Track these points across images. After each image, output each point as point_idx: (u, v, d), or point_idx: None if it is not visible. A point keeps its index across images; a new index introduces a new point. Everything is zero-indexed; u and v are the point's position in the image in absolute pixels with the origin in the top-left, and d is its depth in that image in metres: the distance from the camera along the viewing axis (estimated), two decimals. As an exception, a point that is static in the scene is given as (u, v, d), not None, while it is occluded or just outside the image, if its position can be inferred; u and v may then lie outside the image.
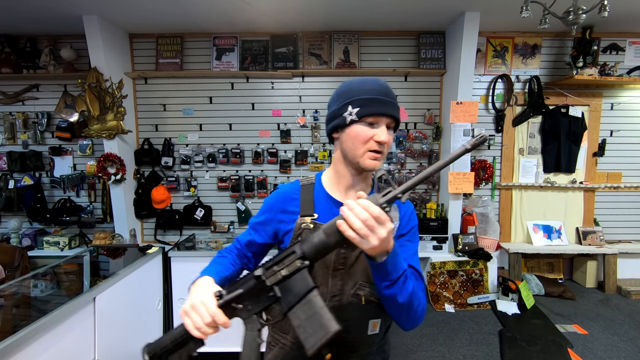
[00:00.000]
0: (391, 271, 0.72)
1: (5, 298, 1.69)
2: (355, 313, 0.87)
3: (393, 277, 0.72)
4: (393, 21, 3.17)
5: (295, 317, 0.66)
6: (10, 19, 2.94)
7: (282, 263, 0.68)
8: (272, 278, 0.68)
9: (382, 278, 0.73)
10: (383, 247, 0.66)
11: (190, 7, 2.79)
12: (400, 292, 0.74)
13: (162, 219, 3.49)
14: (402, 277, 0.74)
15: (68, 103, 3.36)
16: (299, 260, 0.67)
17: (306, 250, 0.67)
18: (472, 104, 3.09)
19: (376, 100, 0.84)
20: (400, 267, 0.74)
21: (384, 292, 0.75)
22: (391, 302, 0.77)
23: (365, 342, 0.90)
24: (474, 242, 3.29)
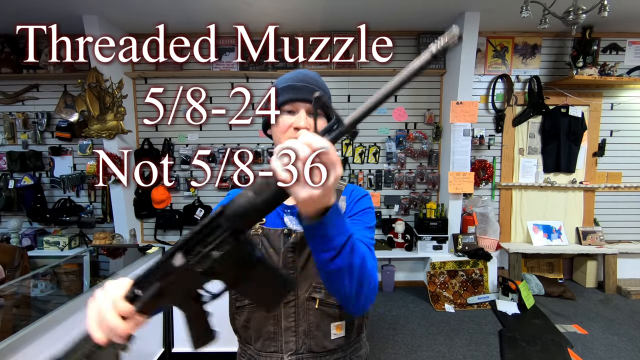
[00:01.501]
0: (333, 235, 0.57)
1: (5, 298, 1.69)
2: (314, 318, 0.81)
3: (337, 243, 0.57)
4: (393, 21, 3.17)
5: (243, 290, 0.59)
6: (10, 19, 2.93)
7: (207, 242, 0.53)
8: (202, 264, 0.53)
9: (324, 246, 0.58)
10: (324, 199, 0.52)
11: (190, 7, 2.79)
12: (347, 264, 0.59)
13: (162, 219, 3.49)
14: (348, 243, 0.59)
15: (68, 103, 3.36)
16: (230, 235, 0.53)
17: (236, 222, 0.52)
18: (472, 104, 3.09)
19: (290, 87, 0.82)
20: (345, 230, 0.58)
21: (328, 267, 0.59)
22: (337, 280, 0.61)
23: (330, 347, 0.83)
24: (474, 242, 3.29)
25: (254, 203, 0.51)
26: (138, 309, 0.55)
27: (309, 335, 0.81)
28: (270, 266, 0.58)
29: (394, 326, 2.75)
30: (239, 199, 0.52)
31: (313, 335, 0.82)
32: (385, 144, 3.51)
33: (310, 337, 0.81)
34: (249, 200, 0.52)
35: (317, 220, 0.55)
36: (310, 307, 0.81)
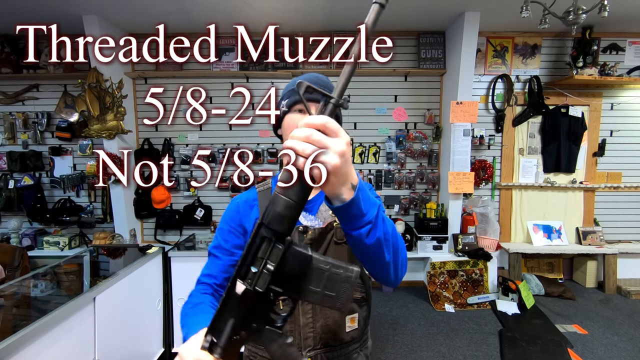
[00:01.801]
0: (365, 209, 0.57)
1: (5, 298, 1.69)
2: (331, 312, 0.83)
3: (371, 217, 0.57)
4: (393, 21, 3.17)
5: (311, 295, 0.55)
6: (10, 19, 2.93)
7: (258, 259, 0.53)
8: (260, 282, 0.52)
9: (360, 222, 0.57)
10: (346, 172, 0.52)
11: (190, 7, 2.79)
12: (383, 234, 0.60)
13: (162, 219, 3.49)
14: (380, 214, 0.60)
15: (68, 103, 3.36)
16: (276, 243, 0.52)
17: (276, 226, 0.52)
18: (472, 104, 3.09)
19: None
20: (374, 202, 0.59)
21: (367, 242, 0.59)
22: (376, 253, 0.61)
23: (345, 340, 0.85)
24: (474, 242, 3.29)
25: (289, 202, 0.51)
26: (220, 356, 0.54)
27: (326, 329, 0.83)
28: (327, 262, 0.55)
29: (394, 326, 2.75)
30: (271, 205, 0.52)
31: (330, 330, 0.83)
32: (385, 144, 3.51)
33: (327, 332, 0.83)
34: (283, 202, 0.51)
35: (348, 197, 0.54)
36: None
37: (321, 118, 0.50)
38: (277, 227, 0.52)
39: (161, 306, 2.56)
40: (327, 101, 0.52)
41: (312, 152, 0.48)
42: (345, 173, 0.52)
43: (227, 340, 0.54)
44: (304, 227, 0.84)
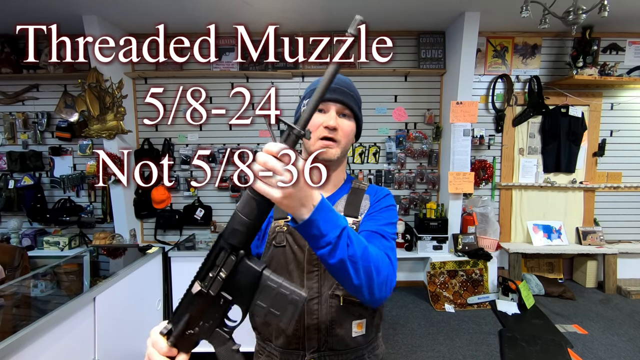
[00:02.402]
0: (324, 229, 0.59)
1: (5, 298, 1.69)
2: (337, 315, 0.82)
3: (330, 238, 0.59)
4: (393, 21, 3.17)
5: (259, 309, 0.60)
6: (10, 19, 2.93)
7: (215, 266, 0.59)
8: (214, 286, 0.59)
9: (319, 242, 0.60)
10: (301, 195, 0.55)
11: (190, 7, 2.79)
12: (347, 256, 0.61)
13: (162, 219, 3.49)
14: (343, 236, 0.61)
15: (68, 103, 3.36)
16: (231, 255, 0.58)
17: (231, 240, 0.58)
18: (472, 104, 3.09)
19: None
20: (338, 224, 0.61)
21: (329, 262, 0.62)
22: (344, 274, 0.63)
23: (351, 346, 0.84)
24: (474, 242, 3.29)
25: (242, 220, 0.57)
26: (172, 343, 0.60)
27: (331, 332, 0.82)
28: (277, 281, 0.60)
29: (394, 326, 2.75)
30: (231, 221, 0.58)
31: (335, 333, 0.83)
32: (385, 144, 3.51)
33: (332, 335, 0.82)
34: (238, 219, 0.57)
35: (305, 215, 0.57)
36: (334, 304, 0.82)
37: (277, 146, 0.53)
38: (232, 240, 0.58)
39: (161, 306, 2.56)
40: (289, 132, 0.57)
41: (266, 177, 0.53)
42: (299, 197, 0.56)
43: (181, 332, 0.61)
44: None
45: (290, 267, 0.83)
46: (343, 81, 0.88)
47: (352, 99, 0.85)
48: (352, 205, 0.88)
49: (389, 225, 0.84)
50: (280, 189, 0.53)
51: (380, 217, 0.85)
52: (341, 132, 0.84)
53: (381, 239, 0.79)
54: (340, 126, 0.83)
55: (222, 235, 0.59)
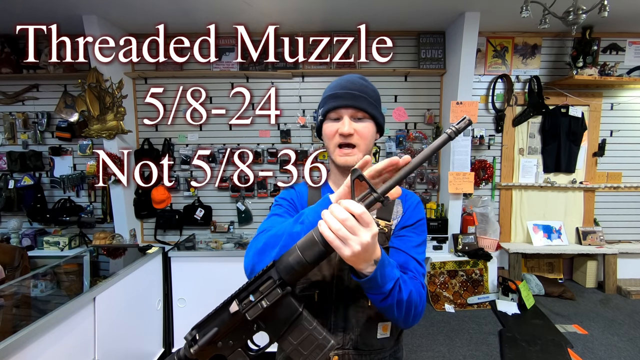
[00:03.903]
0: (382, 283, 0.65)
1: (5, 298, 1.69)
2: (363, 316, 0.83)
3: (386, 290, 0.66)
4: (393, 21, 3.17)
5: (287, 343, 0.62)
6: (10, 19, 2.93)
7: (258, 292, 0.60)
8: (251, 311, 0.59)
9: (374, 292, 0.66)
10: (367, 254, 0.59)
11: (190, 7, 2.79)
12: (396, 302, 0.69)
13: (162, 219, 3.49)
14: (395, 287, 0.68)
15: (68, 103, 3.36)
16: (278, 287, 0.59)
17: (283, 274, 0.59)
18: (472, 104, 3.09)
19: (333, 96, 0.86)
20: (392, 277, 0.67)
21: (379, 305, 0.69)
22: (389, 312, 0.72)
23: (375, 347, 0.85)
24: (474, 242, 3.29)
25: (301, 260, 0.58)
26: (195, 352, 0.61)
27: (357, 332, 0.83)
28: (312, 324, 0.62)
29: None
30: (289, 256, 0.60)
31: (360, 333, 0.84)
32: (385, 144, 3.51)
33: (357, 334, 0.84)
34: (297, 257, 0.59)
35: (367, 272, 0.62)
36: (363, 305, 0.84)
37: (360, 208, 0.56)
38: (284, 275, 0.59)
39: (161, 306, 2.56)
40: (370, 193, 0.59)
41: (342, 234, 0.56)
42: (366, 256, 0.59)
43: (206, 344, 0.62)
44: None
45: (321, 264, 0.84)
46: (353, 83, 0.87)
47: (365, 100, 0.85)
48: (385, 209, 0.88)
49: (421, 247, 0.88)
50: (352, 249, 0.56)
51: (414, 236, 0.87)
52: (357, 136, 0.85)
53: (416, 265, 0.83)
54: (356, 130, 0.84)
55: (276, 266, 0.60)
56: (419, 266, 0.83)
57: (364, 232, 0.56)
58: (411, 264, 0.82)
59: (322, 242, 0.57)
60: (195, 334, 0.62)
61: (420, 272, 0.82)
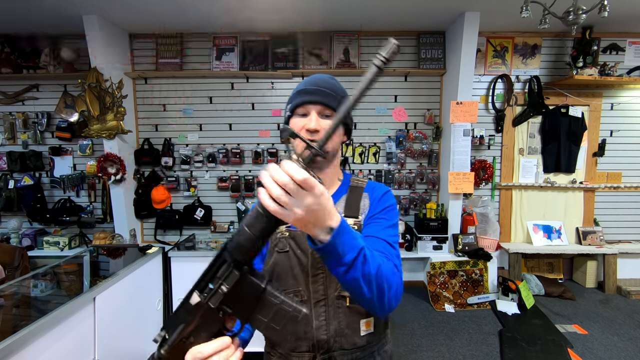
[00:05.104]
0: (342, 252, 0.60)
1: (5, 298, 1.69)
2: (344, 316, 0.83)
3: (347, 260, 0.60)
4: (393, 21, 3.17)
5: (258, 322, 0.61)
6: (10, 19, 2.94)
7: (217, 278, 0.58)
8: (213, 299, 0.58)
9: (335, 263, 0.61)
10: (316, 219, 0.55)
11: (190, 7, 2.79)
12: (361, 275, 0.63)
13: (162, 219, 3.49)
14: (359, 258, 0.62)
15: (68, 103, 3.36)
16: (234, 269, 0.57)
17: (236, 255, 0.57)
18: (472, 104, 3.09)
19: (302, 91, 0.85)
20: (354, 246, 0.61)
21: (343, 279, 0.63)
22: (357, 290, 0.65)
23: (360, 344, 0.85)
24: (474, 242, 3.29)
25: (249, 236, 0.56)
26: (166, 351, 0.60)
27: (340, 333, 0.83)
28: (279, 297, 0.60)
29: (394, 326, 2.75)
30: (238, 235, 0.57)
31: (344, 333, 0.83)
32: (385, 144, 3.51)
33: (341, 335, 0.83)
34: (245, 234, 0.56)
35: (324, 239, 0.58)
36: (341, 305, 0.83)
37: (300, 172, 0.52)
38: (237, 255, 0.57)
39: (161, 306, 2.56)
40: (307, 150, 0.56)
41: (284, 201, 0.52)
42: (316, 222, 0.56)
43: (176, 341, 0.60)
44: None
45: (295, 272, 0.84)
46: (323, 81, 0.87)
47: (334, 98, 0.84)
48: (351, 205, 0.87)
49: (392, 229, 0.84)
50: (295, 214, 0.53)
51: (383, 220, 0.85)
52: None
53: (387, 246, 0.79)
54: (322, 127, 0.82)
55: (226, 248, 0.58)
56: (390, 247, 0.80)
57: (307, 196, 0.52)
58: (380, 244, 0.79)
59: (266, 212, 0.54)
60: (165, 334, 0.61)
61: (392, 253, 0.79)
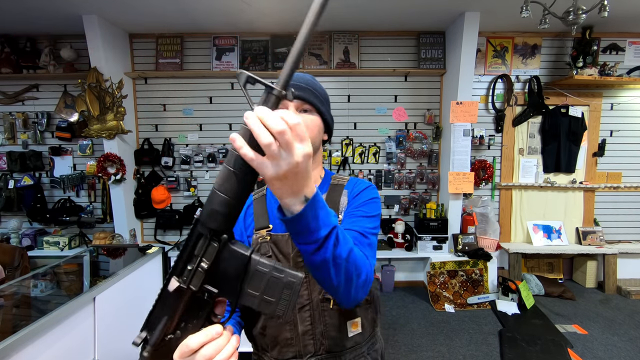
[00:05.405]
0: (315, 227, 0.53)
1: (5, 298, 1.69)
2: (330, 318, 0.81)
3: (319, 236, 0.54)
4: (393, 21, 3.16)
5: (250, 298, 0.52)
6: (10, 19, 2.93)
7: (194, 257, 0.50)
8: (194, 280, 0.50)
9: (305, 238, 0.54)
10: (297, 182, 0.48)
11: (190, 7, 2.79)
12: (332, 257, 0.57)
13: (162, 219, 3.49)
14: (331, 237, 0.56)
15: (68, 103, 3.36)
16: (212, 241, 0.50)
17: (211, 224, 0.49)
18: (472, 104, 3.09)
19: None
20: (328, 223, 0.55)
21: (311, 259, 0.57)
22: (324, 273, 0.58)
23: (349, 346, 0.83)
24: (474, 242, 3.29)
25: (223, 199, 0.48)
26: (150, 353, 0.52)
27: (327, 336, 0.81)
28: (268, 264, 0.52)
29: (394, 326, 2.75)
30: (209, 203, 0.49)
31: (331, 336, 0.81)
32: (385, 144, 3.51)
33: (328, 338, 0.81)
34: (218, 198, 0.48)
35: (295, 209, 0.51)
36: (325, 308, 0.81)
37: (296, 118, 0.45)
38: (211, 224, 0.49)
39: (161, 306, 2.55)
40: (268, 93, 0.49)
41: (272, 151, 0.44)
42: (295, 184, 0.49)
43: (159, 339, 0.52)
44: None
45: None
46: (302, 78, 0.83)
47: (312, 94, 0.81)
48: (330, 204, 0.84)
49: (367, 219, 0.80)
50: (279, 171, 0.46)
51: (358, 212, 0.81)
52: None
53: (358, 236, 0.75)
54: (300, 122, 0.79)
55: (200, 220, 0.50)
56: (362, 237, 0.75)
57: (299, 148, 0.45)
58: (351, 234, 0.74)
59: (239, 169, 0.47)
60: (145, 335, 0.53)
61: (363, 242, 0.74)
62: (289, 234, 0.80)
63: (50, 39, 3.32)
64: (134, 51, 3.38)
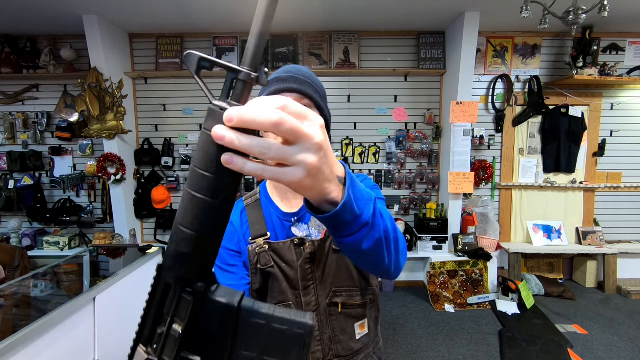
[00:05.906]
0: (361, 208, 0.43)
1: (5, 298, 1.69)
2: (338, 322, 0.79)
3: (368, 215, 0.44)
4: (393, 21, 3.16)
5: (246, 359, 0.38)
6: (10, 19, 2.94)
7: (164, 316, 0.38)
8: (167, 350, 0.37)
9: (351, 228, 0.43)
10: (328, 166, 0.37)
11: (190, 7, 2.79)
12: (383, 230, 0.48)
13: (162, 219, 3.49)
14: (377, 210, 0.46)
15: (68, 103, 3.36)
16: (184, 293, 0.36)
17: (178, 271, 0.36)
18: (472, 104, 3.09)
19: (276, 79, 0.77)
20: (367, 195, 0.45)
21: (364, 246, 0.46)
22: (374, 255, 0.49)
23: (357, 348, 0.82)
24: (474, 242, 3.29)
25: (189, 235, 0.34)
26: None
27: (335, 340, 0.79)
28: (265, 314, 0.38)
29: (394, 326, 2.75)
30: (172, 243, 0.36)
31: (339, 340, 0.80)
32: (385, 144, 3.51)
33: (336, 342, 0.80)
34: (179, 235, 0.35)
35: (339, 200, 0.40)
36: (333, 312, 0.79)
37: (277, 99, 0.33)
38: (179, 271, 0.36)
39: (161, 306, 2.55)
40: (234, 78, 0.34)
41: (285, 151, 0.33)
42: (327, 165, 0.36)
43: None
44: (300, 240, 0.78)
45: (283, 287, 0.78)
46: (300, 70, 0.78)
47: (312, 87, 0.76)
48: None
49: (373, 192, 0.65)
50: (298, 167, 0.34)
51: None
52: None
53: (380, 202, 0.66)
54: None
55: (163, 268, 0.37)
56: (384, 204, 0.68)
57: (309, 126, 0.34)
58: None
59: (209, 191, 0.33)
60: None
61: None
62: (291, 240, 0.78)
63: (50, 39, 3.32)
64: (134, 51, 3.38)
